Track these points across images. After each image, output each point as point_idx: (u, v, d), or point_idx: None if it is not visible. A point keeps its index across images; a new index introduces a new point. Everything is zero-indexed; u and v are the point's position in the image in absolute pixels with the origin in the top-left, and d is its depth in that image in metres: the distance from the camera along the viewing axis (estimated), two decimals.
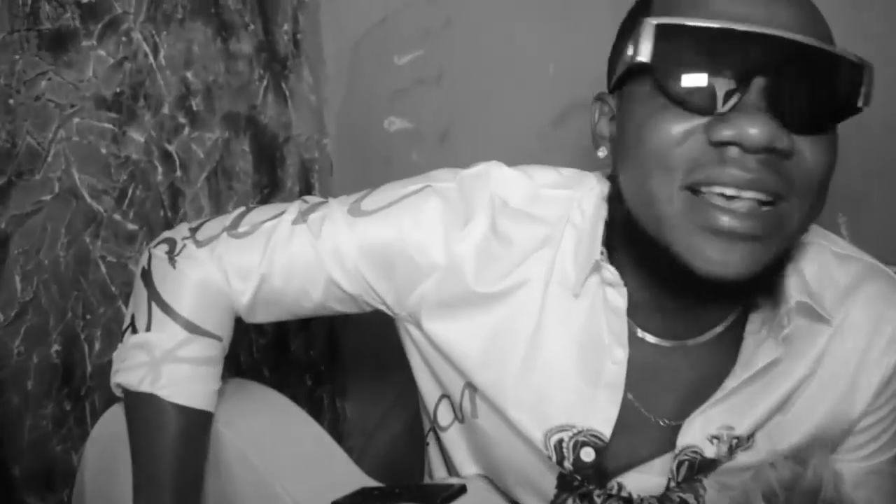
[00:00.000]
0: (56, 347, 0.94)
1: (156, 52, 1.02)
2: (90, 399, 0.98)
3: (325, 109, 1.34)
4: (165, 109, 1.04)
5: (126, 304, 1.02)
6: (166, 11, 1.03)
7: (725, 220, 0.57)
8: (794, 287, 0.68)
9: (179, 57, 1.06)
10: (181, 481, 0.69)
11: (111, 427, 0.76)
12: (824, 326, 0.70)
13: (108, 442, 0.77)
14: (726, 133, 0.56)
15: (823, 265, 0.71)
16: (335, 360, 1.44)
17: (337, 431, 1.47)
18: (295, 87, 1.27)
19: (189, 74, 1.07)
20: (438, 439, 0.81)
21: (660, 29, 0.58)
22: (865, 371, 0.70)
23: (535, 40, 1.22)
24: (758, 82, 0.56)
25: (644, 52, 0.59)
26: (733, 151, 0.57)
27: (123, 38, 0.98)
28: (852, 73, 0.59)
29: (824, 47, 0.57)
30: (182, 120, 1.07)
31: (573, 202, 0.71)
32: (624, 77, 0.64)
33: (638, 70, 0.61)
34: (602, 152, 0.69)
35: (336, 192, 1.38)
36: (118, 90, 0.97)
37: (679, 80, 0.58)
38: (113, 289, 1.00)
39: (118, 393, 0.74)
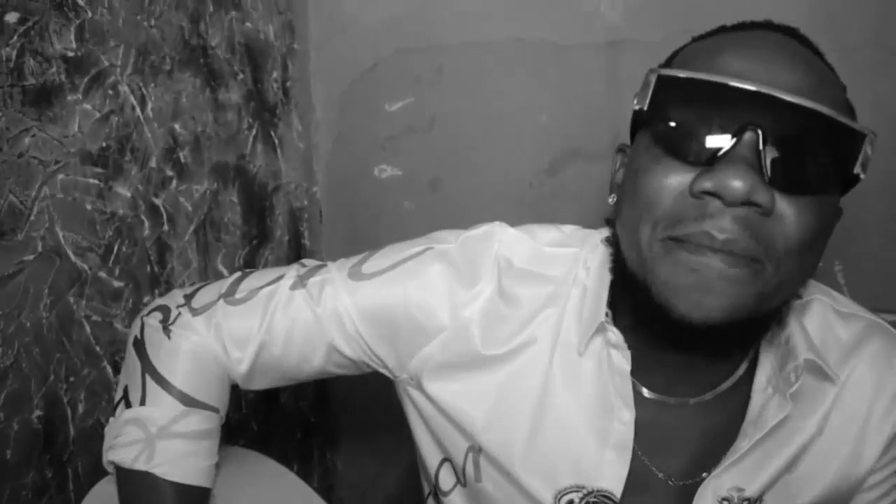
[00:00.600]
0: (38, 413, 0.90)
1: (143, 104, 1.00)
2: (73, 465, 0.94)
3: (315, 157, 1.33)
4: (153, 163, 1.02)
5: (111, 364, 0.99)
6: (154, 63, 1.01)
7: (701, 260, 0.58)
8: (800, 344, 0.68)
9: (167, 109, 1.04)
10: None
11: None
12: (829, 385, 0.70)
13: None
14: (707, 184, 0.57)
15: (826, 323, 0.71)
16: (326, 412, 1.41)
17: (327, 483, 1.43)
18: (284, 135, 1.26)
19: (177, 126, 1.06)
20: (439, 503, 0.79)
21: (660, 79, 0.61)
22: (871, 428, 0.70)
23: (528, 88, 1.22)
24: (747, 137, 0.56)
25: (644, 101, 0.61)
26: (714, 206, 0.57)
27: (110, 92, 0.96)
28: (850, 139, 0.59)
29: (819, 110, 0.57)
30: (170, 173, 1.05)
31: (578, 260, 0.72)
32: (635, 127, 0.66)
33: (643, 120, 0.63)
34: (612, 199, 0.70)
35: (326, 240, 1.36)
36: (104, 144, 0.95)
37: (672, 129, 0.60)
38: (98, 349, 0.96)
39: (110, 470, 0.70)
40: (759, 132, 0.56)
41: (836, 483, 0.71)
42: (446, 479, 0.77)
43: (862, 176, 0.60)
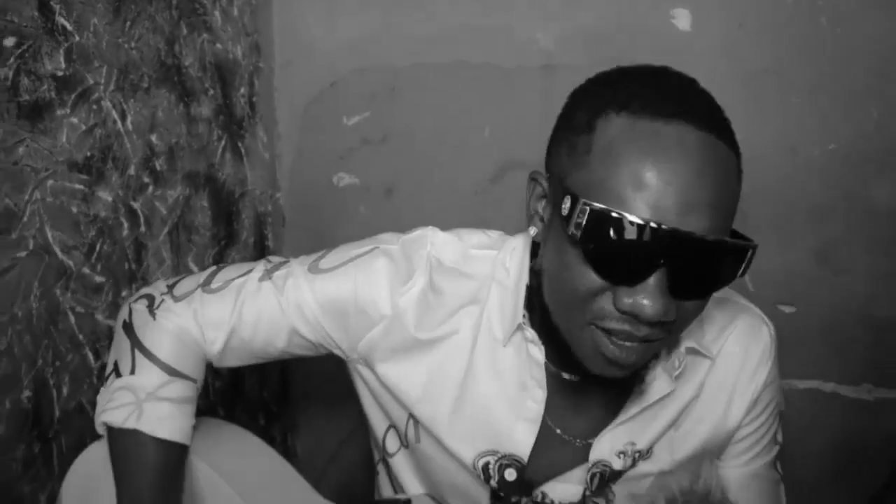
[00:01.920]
0: (27, 393, 1.00)
1: (123, 117, 1.11)
2: (57, 442, 1.04)
3: (279, 166, 1.44)
4: (131, 170, 1.13)
5: (92, 351, 1.09)
6: (133, 81, 1.12)
7: (614, 351, 0.70)
8: (685, 335, 0.81)
9: (145, 122, 1.14)
10: (161, 501, 0.77)
11: (88, 466, 0.84)
12: (706, 359, 0.84)
13: (85, 480, 0.84)
14: (627, 303, 0.67)
15: (706, 308, 0.84)
16: (286, 400, 1.51)
17: None
18: (251, 146, 1.37)
19: (153, 137, 1.16)
20: (387, 465, 0.91)
21: (593, 212, 0.66)
22: (737, 393, 0.85)
23: (472, 106, 1.35)
24: (661, 269, 0.66)
25: (576, 227, 0.67)
26: (633, 318, 0.68)
27: (94, 107, 1.06)
28: (741, 254, 0.70)
29: (725, 241, 0.67)
30: (146, 179, 1.16)
31: (497, 261, 0.83)
32: (557, 204, 0.72)
33: (568, 226, 0.69)
34: (533, 231, 0.77)
35: (288, 243, 1.47)
36: (89, 154, 1.06)
37: (601, 256, 0.67)
38: (81, 337, 1.06)
39: (101, 431, 0.81)
40: (674, 265, 0.66)
41: (711, 437, 0.85)
42: (392, 444, 0.90)
43: (742, 273, 0.70)
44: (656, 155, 0.66)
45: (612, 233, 0.65)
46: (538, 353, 0.80)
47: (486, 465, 0.83)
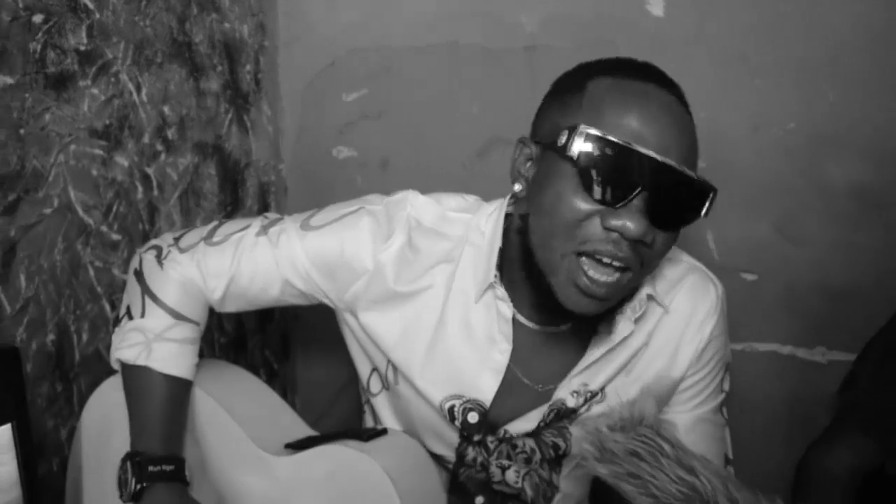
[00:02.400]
0: (51, 337, 1.11)
1: (139, 90, 1.21)
2: (77, 382, 1.15)
3: (282, 139, 1.54)
4: (146, 139, 1.23)
5: (109, 302, 1.20)
6: (148, 56, 1.22)
7: (586, 282, 0.80)
8: (645, 283, 0.91)
9: (158, 94, 1.25)
10: (168, 430, 0.88)
11: (102, 398, 0.95)
12: (658, 311, 0.93)
13: (101, 411, 0.96)
14: (615, 223, 0.78)
15: (658, 267, 0.94)
16: (287, 359, 1.62)
17: None
18: (255, 120, 1.47)
19: (166, 109, 1.27)
20: (371, 406, 1.02)
21: (589, 136, 0.78)
22: (684, 343, 0.94)
23: (461, 84, 1.44)
24: (645, 193, 0.78)
25: (574, 150, 0.78)
26: (615, 235, 0.79)
27: (112, 79, 1.16)
28: (705, 193, 0.82)
29: (694, 177, 0.80)
30: (159, 147, 1.26)
31: (472, 224, 0.93)
32: (550, 144, 0.82)
33: (560, 151, 0.80)
34: (518, 187, 0.87)
35: (290, 210, 1.56)
36: (107, 122, 1.16)
37: (594, 177, 0.79)
38: (99, 289, 1.17)
39: (116, 367, 0.92)
40: (653, 190, 0.78)
41: (659, 380, 0.94)
42: (375, 385, 1.00)
43: (705, 214, 0.83)
44: (640, 104, 0.79)
45: (606, 151, 0.77)
46: (507, 309, 0.90)
47: (452, 407, 0.93)
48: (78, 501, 1.00)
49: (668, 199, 0.79)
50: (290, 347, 1.64)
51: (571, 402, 0.92)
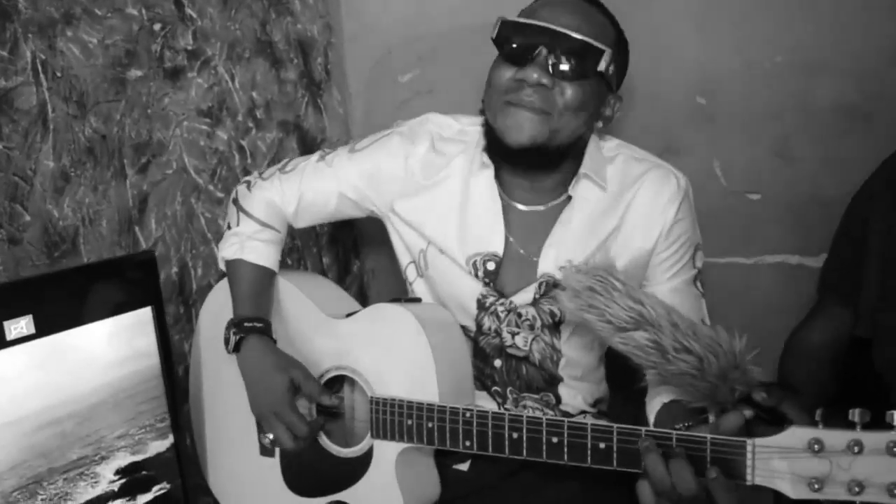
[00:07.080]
0: (175, 269, 1.44)
1: (232, 79, 1.54)
2: (195, 307, 1.48)
3: (350, 119, 1.83)
4: (239, 117, 1.56)
5: (216, 245, 1.52)
6: (239, 53, 1.55)
7: (513, 117, 1.08)
8: (588, 168, 1.16)
9: (248, 83, 1.57)
10: (257, 301, 1.21)
11: (214, 296, 1.29)
12: (628, 196, 1.16)
13: (213, 307, 1.28)
14: (519, 76, 1.08)
15: (626, 162, 1.19)
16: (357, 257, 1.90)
17: None
18: (328, 103, 1.78)
19: (254, 94, 1.59)
20: (411, 290, 1.29)
21: (501, 21, 1.11)
22: (651, 223, 1.16)
23: None
24: (539, 51, 1.06)
25: (497, 35, 1.12)
26: (524, 84, 1.07)
27: (212, 71, 1.50)
28: (597, 52, 1.07)
29: (579, 37, 1.06)
30: (251, 125, 1.58)
31: (479, 131, 1.22)
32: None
33: (496, 44, 1.13)
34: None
35: None
36: (210, 104, 1.49)
37: (506, 48, 1.11)
38: (209, 235, 1.50)
39: (222, 266, 1.25)
40: (545, 49, 1.06)
41: (631, 257, 1.16)
42: (412, 274, 1.28)
43: (604, 71, 1.08)
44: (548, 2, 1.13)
45: (512, 28, 1.10)
46: (497, 187, 1.19)
47: (475, 262, 1.19)
48: (198, 368, 1.34)
49: (564, 56, 1.06)
50: (359, 247, 1.92)
51: (559, 276, 1.15)
